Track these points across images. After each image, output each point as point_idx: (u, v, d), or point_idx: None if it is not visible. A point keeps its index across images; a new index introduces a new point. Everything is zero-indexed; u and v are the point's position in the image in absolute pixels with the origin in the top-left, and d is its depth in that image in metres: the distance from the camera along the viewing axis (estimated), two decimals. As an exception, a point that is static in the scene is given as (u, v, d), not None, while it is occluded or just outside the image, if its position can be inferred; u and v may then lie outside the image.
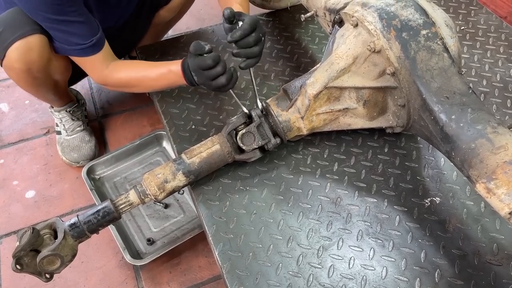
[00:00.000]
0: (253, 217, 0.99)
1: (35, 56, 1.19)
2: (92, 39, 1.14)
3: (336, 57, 0.98)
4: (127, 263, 1.30)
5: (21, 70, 1.22)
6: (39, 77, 1.28)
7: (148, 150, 1.59)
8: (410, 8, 0.93)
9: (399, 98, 0.96)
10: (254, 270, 0.91)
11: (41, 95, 1.46)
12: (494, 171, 0.74)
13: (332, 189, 1.03)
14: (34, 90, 1.38)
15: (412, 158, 1.09)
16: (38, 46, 1.18)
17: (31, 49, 1.17)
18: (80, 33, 1.13)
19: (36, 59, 1.20)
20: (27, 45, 1.17)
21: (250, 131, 1.02)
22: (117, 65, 1.22)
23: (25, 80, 1.28)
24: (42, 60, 1.22)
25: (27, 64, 1.21)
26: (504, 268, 0.89)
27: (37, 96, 1.47)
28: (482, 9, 1.52)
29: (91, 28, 1.15)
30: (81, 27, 1.12)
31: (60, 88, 1.44)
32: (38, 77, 1.28)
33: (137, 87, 1.23)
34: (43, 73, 1.27)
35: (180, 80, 1.10)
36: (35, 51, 1.18)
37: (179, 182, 0.99)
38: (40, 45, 1.18)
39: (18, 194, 1.51)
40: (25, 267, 0.90)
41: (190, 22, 2.13)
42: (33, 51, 1.18)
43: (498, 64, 1.32)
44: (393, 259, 0.91)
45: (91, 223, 0.95)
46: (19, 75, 1.25)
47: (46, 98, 1.50)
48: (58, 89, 1.44)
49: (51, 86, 1.38)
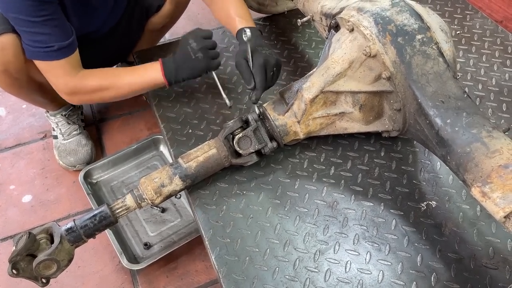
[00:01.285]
0: (249, 221, 0.99)
1: (10, 56, 1.17)
2: (61, 43, 1.10)
3: (332, 62, 0.99)
4: (124, 268, 1.30)
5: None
6: (19, 78, 1.26)
7: (145, 154, 1.59)
8: (405, 13, 0.94)
9: (395, 102, 0.97)
10: (250, 274, 0.91)
11: (28, 98, 1.44)
12: (489, 175, 0.75)
13: (328, 193, 1.04)
14: (17, 92, 1.36)
15: (408, 162, 1.09)
16: (12, 45, 1.15)
17: (5, 48, 1.15)
18: (48, 34, 1.09)
19: (11, 59, 1.18)
20: (0, 45, 1.15)
21: (247, 135, 1.02)
22: (86, 72, 1.19)
23: (4, 81, 1.25)
24: (18, 61, 1.19)
25: (3, 65, 1.19)
26: (500, 271, 0.89)
27: (25, 98, 1.45)
28: (477, 13, 1.53)
29: (62, 31, 1.11)
30: (49, 29, 1.08)
31: (47, 91, 1.40)
32: (18, 78, 1.25)
33: (108, 90, 1.19)
34: (23, 74, 1.25)
35: (156, 77, 1.13)
36: (9, 51, 1.16)
37: (176, 186, 0.99)
38: (14, 45, 1.16)
39: (15, 198, 1.51)
40: (21, 272, 0.90)
41: (187, 26, 2.14)
42: (7, 50, 1.16)
43: (494, 68, 1.33)
44: (390, 263, 0.91)
45: (88, 228, 0.95)
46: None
47: (34, 100, 1.48)
48: (45, 92, 1.40)
49: (36, 88, 1.36)
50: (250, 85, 1.07)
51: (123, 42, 1.56)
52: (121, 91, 1.20)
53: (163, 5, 1.52)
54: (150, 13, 1.53)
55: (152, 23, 1.56)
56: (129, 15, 1.48)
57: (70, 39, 1.13)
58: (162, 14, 1.54)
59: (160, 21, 1.57)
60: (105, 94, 1.20)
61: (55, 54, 1.11)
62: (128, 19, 1.48)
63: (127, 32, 1.53)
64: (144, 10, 1.51)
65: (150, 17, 1.55)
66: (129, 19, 1.49)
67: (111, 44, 1.48)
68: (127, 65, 1.79)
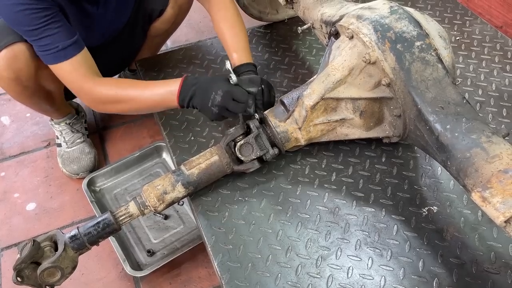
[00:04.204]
0: (252, 228, 1.00)
1: (22, 64, 1.20)
2: (64, 42, 1.09)
3: (332, 69, 1.00)
4: (127, 275, 1.30)
5: (10, 79, 1.23)
6: (29, 86, 1.28)
7: (148, 162, 1.60)
8: (404, 20, 0.95)
9: (395, 109, 0.98)
10: (253, 280, 0.91)
11: (36, 106, 1.46)
12: (489, 180, 0.75)
13: (330, 199, 1.04)
14: (27, 100, 1.38)
15: (409, 168, 1.10)
16: (24, 54, 1.19)
17: (17, 57, 1.19)
18: (51, 37, 1.08)
19: (23, 67, 1.21)
20: (13, 53, 1.18)
21: (249, 142, 1.03)
22: (103, 79, 1.17)
23: (15, 89, 1.28)
24: (29, 68, 1.22)
25: (15, 73, 1.22)
26: (502, 276, 0.89)
27: (32, 107, 1.47)
28: (477, 19, 1.54)
29: (64, 33, 1.10)
30: (52, 31, 1.08)
31: (55, 99, 1.44)
32: (28, 86, 1.28)
33: (124, 103, 1.15)
34: (33, 82, 1.27)
35: (170, 97, 1.10)
36: (21, 59, 1.19)
37: (179, 193, 1.00)
38: (26, 53, 1.19)
39: (19, 206, 1.52)
40: (25, 280, 0.90)
41: (189, 34, 2.15)
42: (19, 59, 1.19)
43: (494, 74, 1.33)
44: (392, 268, 0.92)
45: (91, 235, 0.96)
46: (8, 84, 1.26)
47: (41, 109, 1.50)
48: (53, 100, 1.43)
49: (44, 96, 1.38)
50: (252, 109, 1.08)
51: (127, 49, 1.58)
52: (138, 103, 1.16)
53: (165, 10, 1.53)
54: (153, 18, 1.55)
55: (154, 28, 1.58)
56: (133, 22, 1.49)
57: (74, 38, 1.12)
58: (164, 19, 1.56)
59: (163, 26, 1.58)
60: (120, 106, 1.16)
61: (62, 53, 1.10)
62: (132, 26, 1.50)
63: (131, 39, 1.54)
64: (147, 16, 1.53)
65: (153, 22, 1.56)
66: (133, 26, 1.50)
67: (114, 52, 1.50)
68: (130, 74, 1.81)
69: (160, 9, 1.52)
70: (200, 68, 1.45)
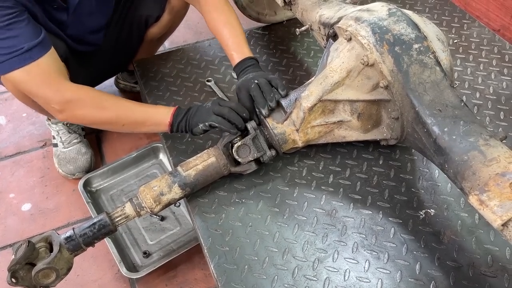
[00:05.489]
0: (248, 230, 1.00)
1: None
2: (30, 42, 1.04)
3: (330, 71, 1.00)
4: (123, 276, 1.29)
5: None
6: None
7: (145, 163, 1.59)
8: (402, 22, 0.95)
9: (393, 111, 0.97)
10: (249, 283, 0.91)
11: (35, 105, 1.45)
12: (487, 183, 0.75)
13: (327, 201, 1.04)
14: (31, 102, 1.37)
15: (406, 170, 1.10)
16: None
17: None
18: (15, 37, 1.03)
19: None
20: None
21: (246, 143, 1.02)
22: (76, 84, 1.13)
23: (20, 92, 1.26)
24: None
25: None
26: (499, 280, 0.89)
27: (35, 108, 1.47)
28: (474, 22, 1.55)
29: (30, 32, 1.05)
30: (16, 32, 1.03)
31: None
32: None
33: (105, 109, 1.11)
34: None
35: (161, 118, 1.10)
36: None
37: (175, 195, 1.00)
38: None
39: (14, 207, 1.51)
40: (20, 281, 0.89)
41: (187, 35, 2.15)
42: None
43: (491, 77, 1.33)
44: (388, 271, 0.91)
45: (87, 236, 0.95)
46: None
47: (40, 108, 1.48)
48: None
49: None
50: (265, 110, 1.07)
51: (123, 52, 1.58)
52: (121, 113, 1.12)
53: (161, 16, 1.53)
54: (149, 24, 1.55)
55: (151, 33, 1.58)
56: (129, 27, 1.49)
57: (40, 37, 1.07)
58: (161, 25, 1.56)
59: (159, 31, 1.58)
60: (102, 113, 1.12)
61: (29, 54, 1.05)
62: (128, 31, 1.50)
63: (127, 43, 1.55)
64: (143, 21, 1.53)
65: (149, 28, 1.56)
66: (129, 31, 1.50)
67: (111, 55, 1.50)
68: (127, 75, 1.80)
69: (156, 16, 1.52)
70: (198, 69, 1.44)
